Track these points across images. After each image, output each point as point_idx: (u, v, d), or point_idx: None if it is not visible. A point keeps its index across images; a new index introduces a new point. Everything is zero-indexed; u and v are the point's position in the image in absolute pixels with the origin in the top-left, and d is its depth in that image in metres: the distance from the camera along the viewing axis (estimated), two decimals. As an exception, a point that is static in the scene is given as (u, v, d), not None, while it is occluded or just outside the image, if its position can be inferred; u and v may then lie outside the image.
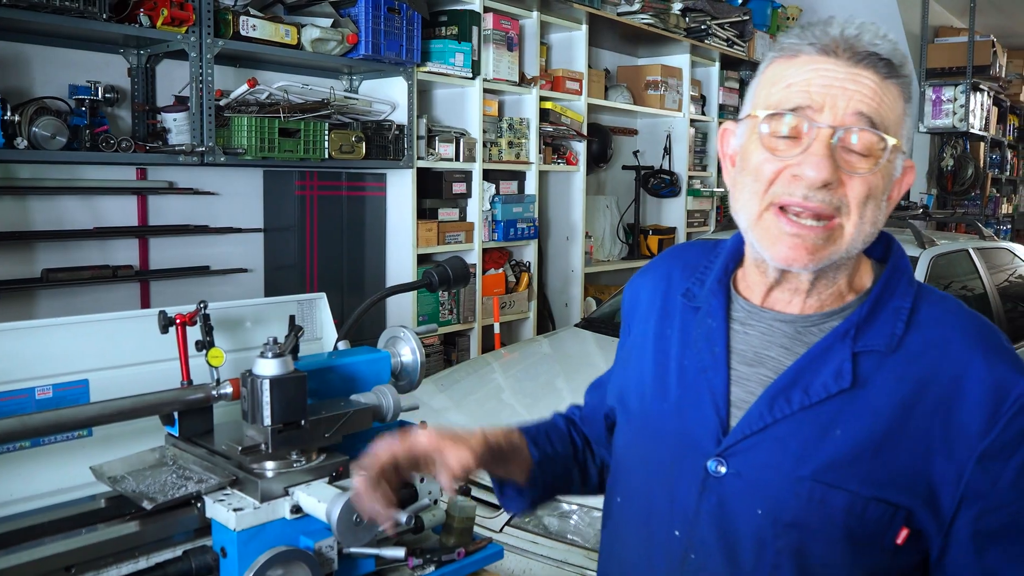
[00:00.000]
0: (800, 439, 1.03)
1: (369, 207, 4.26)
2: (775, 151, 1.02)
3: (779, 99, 1.03)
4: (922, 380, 1.02)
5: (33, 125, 2.91)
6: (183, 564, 1.19)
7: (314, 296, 1.74)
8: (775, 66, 1.06)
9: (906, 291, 1.09)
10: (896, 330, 1.05)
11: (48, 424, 1.23)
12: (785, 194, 1.01)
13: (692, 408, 1.12)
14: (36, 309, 3.37)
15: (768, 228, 1.03)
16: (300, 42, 3.67)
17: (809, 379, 1.05)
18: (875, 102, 0.99)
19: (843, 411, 1.03)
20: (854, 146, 1.00)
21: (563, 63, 5.32)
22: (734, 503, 1.06)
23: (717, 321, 1.14)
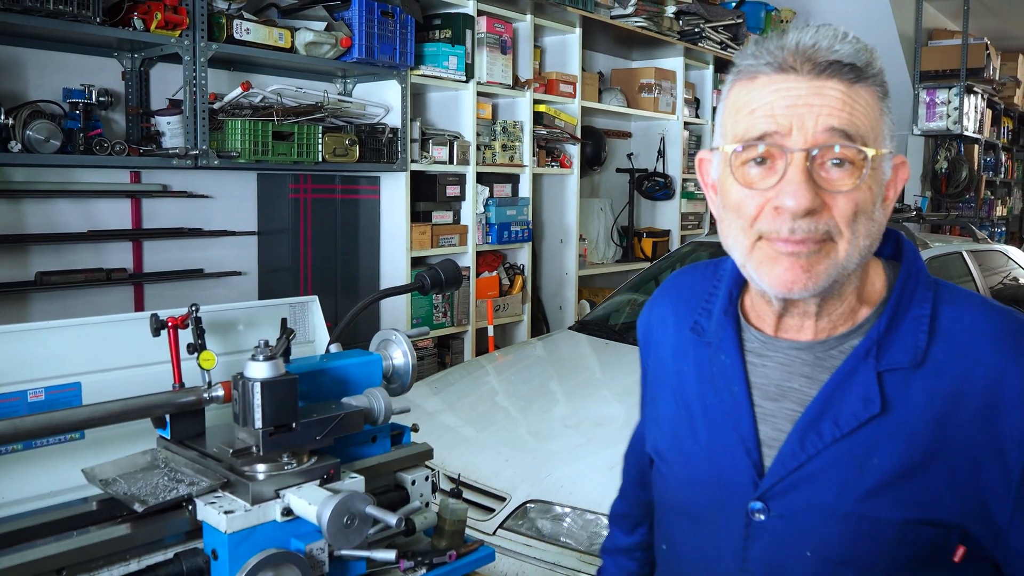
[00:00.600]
0: (838, 473, 1.00)
1: (363, 210, 4.27)
2: (751, 185, 0.98)
3: (745, 128, 0.98)
4: (955, 394, 0.98)
5: (27, 128, 2.91)
6: (174, 567, 1.20)
7: (306, 299, 1.75)
8: (736, 90, 1.02)
9: (924, 296, 1.03)
10: (919, 343, 1.00)
11: (40, 427, 1.24)
12: (772, 231, 0.97)
13: (723, 452, 1.09)
14: (30, 312, 3.37)
15: (764, 253, 0.99)
16: (294, 45, 3.67)
17: (837, 409, 1.01)
18: (846, 112, 0.95)
19: (877, 438, 0.99)
20: (833, 165, 0.95)
21: (557, 66, 5.33)
22: (781, 547, 1.03)
23: (731, 357, 1.10)
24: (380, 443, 1.49)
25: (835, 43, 0.96)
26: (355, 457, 1.45)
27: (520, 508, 2.75)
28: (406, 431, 1.58)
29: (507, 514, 2.76)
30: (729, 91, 1.04)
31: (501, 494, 2.82)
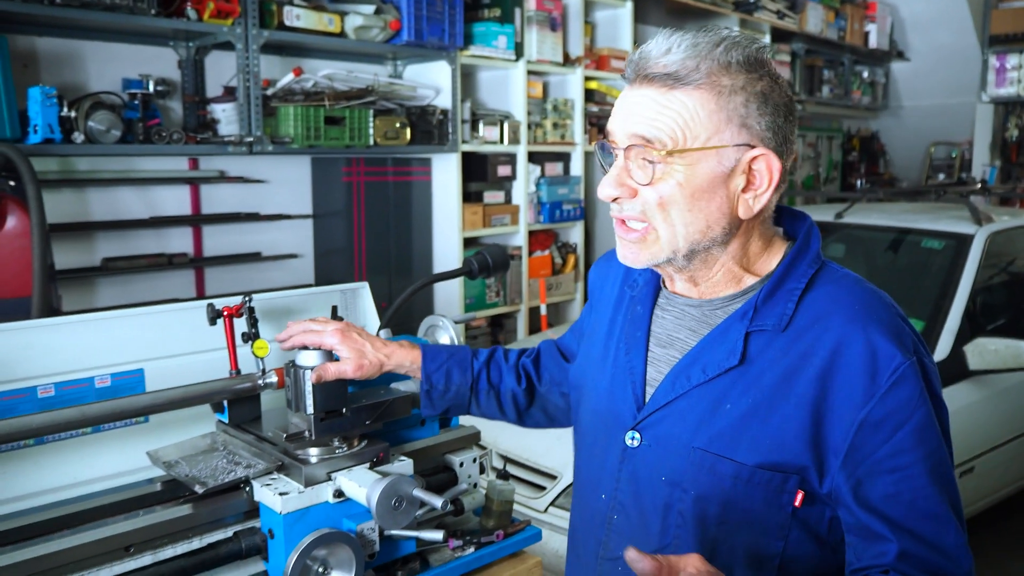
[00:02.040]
0: (697, 413, 1.16)
1: (415, 192, 4.31)
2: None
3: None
4: (804, 353, 1.11)
5: (89, 120, 3.00)
6: (233, 545, 1.25)
7: (357, 285, 1.79)
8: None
9: (803, 273, 1.16)
10: (787, 310, 1.14)
11: (107, 412, 1.30)
12: (611, 211, 1.19)
13: (619, 388, 1.26)
14: (96, 296, 3.49)
15: (616, 234, 1.20)
16: (344, 30, 3.71)
17: (707, 358, 1.16)
18: (658, 118, 1.10)
19: (733, 386, 1.14)
20: (640, 162, 1.12)
21: (608, 41, 5.28)
22: (645, 471, 1.20)
23: (644, 307, 1.27)
24: (428, 426, 1.53)
25: (666, 53, 1.11)
26: (404, 440, 1.49)
27: (571, 486, 2.78)
28: (454, 414, 1.61)
29: (558, 492, 2.79)
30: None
31: (552, 472, 2.85)
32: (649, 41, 1.13)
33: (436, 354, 1.46)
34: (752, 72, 1.11)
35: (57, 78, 3.26)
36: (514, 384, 1.52)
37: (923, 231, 3.97)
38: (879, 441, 1.08)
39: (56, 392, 1.40)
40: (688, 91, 1.09)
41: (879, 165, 8.70)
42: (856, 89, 7.88)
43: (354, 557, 1.23)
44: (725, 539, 1.15)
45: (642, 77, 1.12)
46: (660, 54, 1.11)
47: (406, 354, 1.43)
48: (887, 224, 4.11)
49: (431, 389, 1.44)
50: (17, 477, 1.36)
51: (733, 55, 1.10)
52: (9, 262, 2.65)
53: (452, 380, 1.46)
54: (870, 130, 8.83)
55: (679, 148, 1.10)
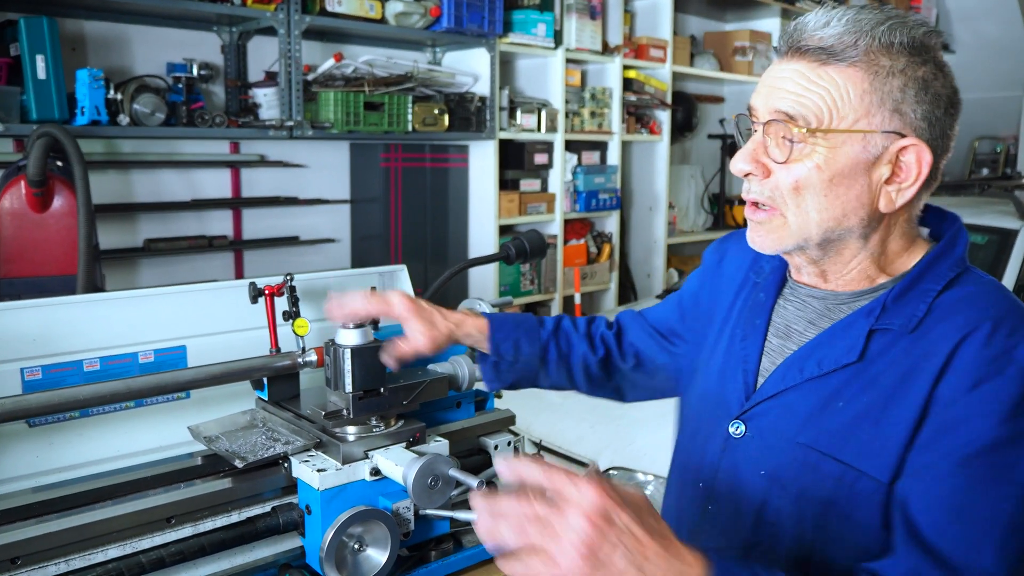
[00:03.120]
0: (806, 407, 1.09)
1: (452, 178, 4.32)
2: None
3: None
4: (926, 352, 1.03)
5: (134, 102, 3.06)
6: (271, 519, 1.27)
7: (395, 268, 1.80)
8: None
9: (942, 275, 1.08)
10: (917, 311, 1.06)
11: (150, 387, 1.33)
12: (743, 190, 1.13)
13: (730, 374, 1.21)
14: (138, 276, 3.56)
15: (746, 215, 1.15)
16: (384, 16, 3.73)
17: (824, 352, 1.10)
18: (805, 93, 1.03)
19: (848, 384, 1.07)
20: (782, 140, 1.05)
21: (647, 30, 5.25)
22: (746, 463, 1.14)
23: (768, 296, 1.22)
24: (464, 408, 1.54)
25: (824, 26, 1.04)
26: (440, 421, 1.50)
27: (603, 474, 2.78)
28: (490, 397, 1.62)
29: (590, 480, 2.79)
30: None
31: (585, 460, 2.85)
32: (809, 14, 1.06)
33: (503, 323, 1.41)
34: (915, 56, 1.03)
35: (104, 61, 3.32)
36: (588, 354, 1.46)
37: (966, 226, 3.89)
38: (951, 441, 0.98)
39: (101, 366, 1.43)
40: (841, 68, 1.03)
41: (922, 159, 8.54)
42: (900, 81, 7.73)
43: (389, 535, 1.25)
44: (821, 548, 1.07)
45: (794, 50, 1.06)
46: (818, 26, 1.04)
47: (473, 323, 1.38)
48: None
49: (500, 360, 1.40)
50: (64, 448, 1.40)
51: (897, 35, 1.02)
52: (56, 240, 2.71)
53: (521, 351, 1.41)
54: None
55: (823, 128, 1.03)
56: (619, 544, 0.85)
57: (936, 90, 1.04)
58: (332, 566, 1.21)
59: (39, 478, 1.37)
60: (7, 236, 2.69)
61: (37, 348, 1.38)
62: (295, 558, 1.32)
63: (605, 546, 0.84)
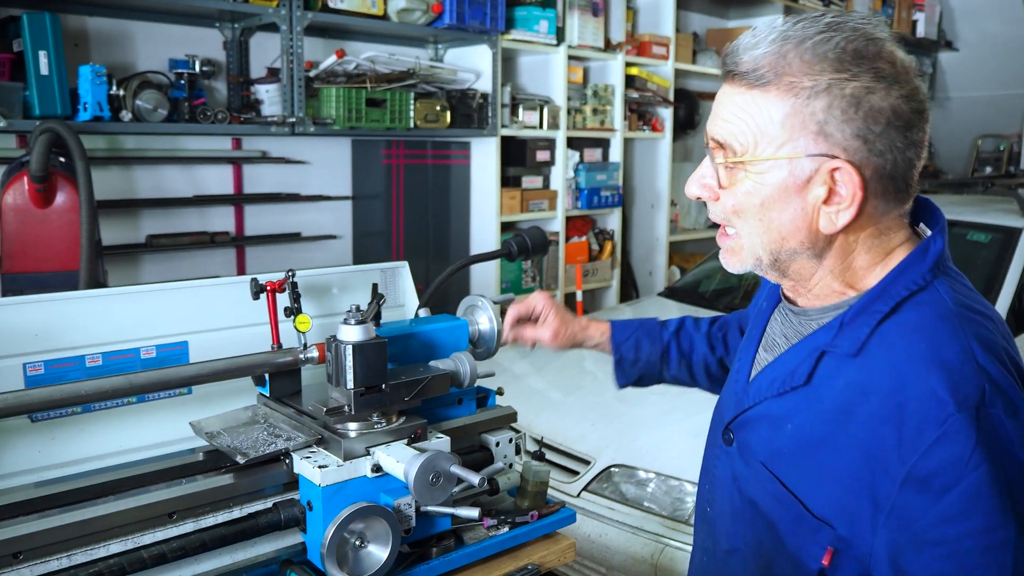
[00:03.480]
0: (765, 426, 1.12)
1: (454, 175, 4.32)
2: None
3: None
4: (865, 388, 1.00)
5: (137, 98, 3.06)
6: (273, 515, 1.27)
7: (397, 265, 1.80)
8: None
9: (897, 293, 1.03)
10: (860, 335, 1.03)
11: (152, 382, 1.33)
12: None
13: (730, 383, 1.26)
14: (141, 272, 3.56)
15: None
16: (386, 12, 3.73)
17: (778, 372, 1.11)
18: (733, 119, 1.03)
19: (798, 408, 1.07)
20: (716, 165, 1.06)
21: (650, 27, 5.24)
22: (729, 471, 1.19)
23: (768, 308, 1.25)
24: (466, 405, 1.54)
25: (746, 49, 1.01)
26: (441, 418, 1.50)
27: (604, 472, 2.79)
28: (491, 394, 1.62)
29: (591, 477, 2.80)
30: None
31: (586, 457, 2.86)
32: (745, 33, 1.04)
33: (625, 326, 1.56)
34: (845, 71, 0.97)
35: (107, 57, 3.32)
36: (707, 352, 1.56)
37: (969, 224, 3.90)
38: (925, 503, 0.92)
39: (103, 362, 1.43)
40: (764, 91, 1.00)
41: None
42: (902, 79, 7.72)
43: (391, 531, 1.25)
44: (778, 563, 1.08)
45: (728, 73, 1.04)
46: (747, 48, 1.01)
47: (597, 327, 1.57)
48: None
49: (621, 359, 1.54)
50: (66, 443, 1.40)
51: (824, 49, 0.97)
52: (58, 236, 2.71)
53: (641, 350, 1.54)
54: (916, 121, 8.66)
55: (747, 157, 1.02)
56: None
57: (872, 104, 0.97)
58: (333, 562, 1.22)
59: (41, 473, 1.37)
60: (10, 232, 2.69)
61: (39, 343, 1.38)
62: (296, 554, 1.32)
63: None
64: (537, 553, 1.48)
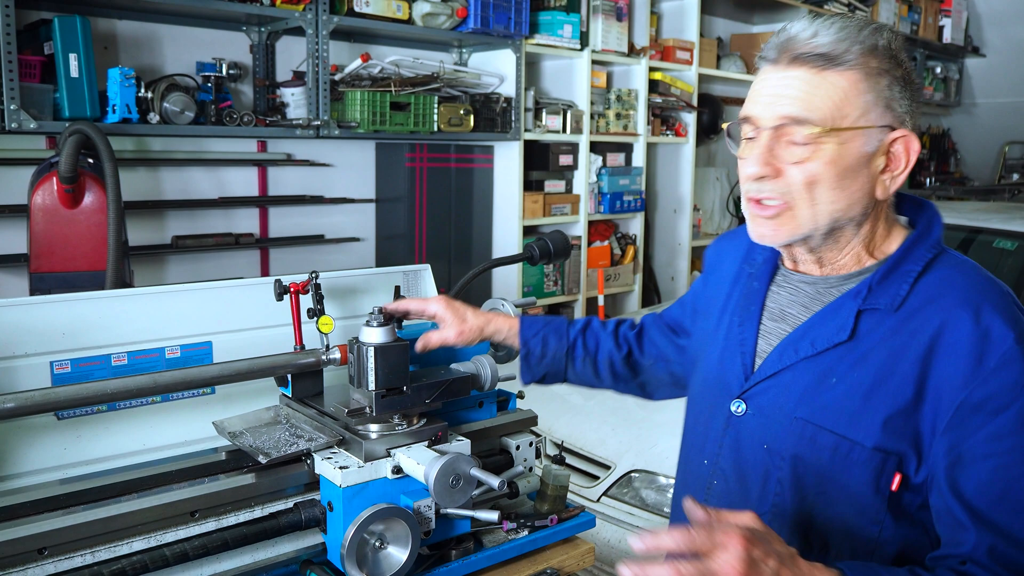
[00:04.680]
0: (802, 384, 1.19)
1: (477, 179, 4.33)
2: (741, 156, 1.21)
3: (744, 108, 1.22)
4: (913, 332, 1.12)
5: (164, 101, 3.09)
6: (294, 515, 1.28)
7: (419, 267, 1.81)
8: (756, 75, 1.24)
9: (921, 256, 1.18)
10: (901, 291, 1.16)
11: (176, 381, 1.34)
12: (746, 190, 1.21)
13: (729, 358, 1.31)
14: (166, 273, 3.60)
15: (746, 210, 1.23)
16: (411, 17, 3.74)
17: (817, 332, 1.20)
18: (805, 98, 1.13)
19: (840, 361, 1.17)
20: (789, 143, 1.14)
21: (674, 32, 5.23)
22: (748, 439, 1.24)
23: (761, 283, 1.32)
24: (486, 408, 1.54)
25: (812, 37, 1.14)
26: (462, 421, 1.50)
27: (624, 477, 2.78)
28: (512, 398, 1.62)
29: (611, 482, 2.79)
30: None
31: (606, 462, 2.85)
32: (793, 24, 1.17)
33: (533, 322, 1.56)
34: (894, 57, 1.15)
35: (135, 60, 3.36)
36: (613, 351, 1.58)
37: (995, 231, 3.85)
38: (979, 423, 1.06)
39: (129, 361, 1.45)
40: (841, 71, 1.12)
41: (949, 164, 8.44)
42: (928, 85, 7.66)
43: (410, 533, 1.25)
44: (822, 511, 1.17)
45: (791, 58, 1.15)
46: (809, 36, 1.14)
47: (504, 321, 1.53)
48: (957, 223, 3.99)
49: (528, 354, 1.54)
50: (91, 441, 1.42)
51: (879, 40, 1.14)
52: (86, 236, 2.74)
53: (548, 346, 1.55)
54: (941, 127, 8.58)
55: (833, 127, 1.12)
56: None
57: (916, 84, 1.17)
58: (353, 563, 1.22)
59: (67, 470, 1.38)
60: (39, 231, 2.73)
61: (66, 342, 1.40)
62: (317, 554, 1.32)
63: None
64: (556, 557, 1.47)
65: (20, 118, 2.78)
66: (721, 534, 0.94)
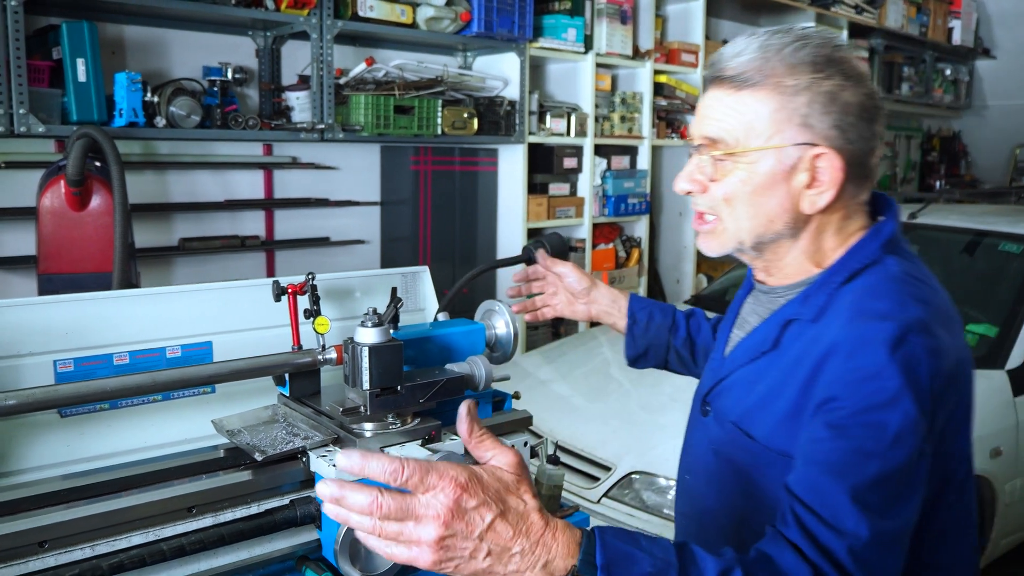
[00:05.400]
0: (738, 391, 1.27)
1: (481, 182, 4.35)
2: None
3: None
4: (816, 340, 1.14)
5: (171, 105, 3.13)
6: (289, 512, 1.30)
7: (417, 269, 1.83)
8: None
9: (850, 267, 1.19)
10: (819, 301, 1.19)
11: (176, 380, 1.37)
12: (691, 204, 1.27)
13: (708, 365, 1.41)
14: (173, 274, 3.63)
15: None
16: (415, 21, 3.77)
17: (752, 341, 1.27)
18: (724, 118, 1.17)
19: (768, 369, 1.22)
20: (709, 159, 1.19)
21: (679, 35, 5.25)
22: (705, 439, 1.32)
23: (742, 292, 1.40)
24: (481, 408, 1.56)
25: (736, 55, 1.17)
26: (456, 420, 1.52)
27: (625, 478, 2.79)
28: (507, 398, 1.64)
29: (612, 483, 2.81)
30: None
31: (607, 464, 2.86)
32: (728, 44, 1.20)
33: (641, 299, 1.70)
34: (820, 72, 1.13)
35: (142, 64, 3.40)
36: (711, 340, 1.64)
37: (1002, 234, 3.85)
38: (819, 419, 1.06)
39: (130, 360, 1.48)
40: (754, 91, 1.15)
41: (960, 167, 8.43)
42: (938, 87, 7.64)
43: (403, 529, 1.27)
44: (751, 514, 1.21)
45: (716, 79, 1.19)
46: (732, 56, 1.17)
47: (611, 293, 1.69)
48: (964, 226, 3.99)
49: (634, 324, 1.65)
50: (94, 439, 1.44)
51: (801, 55, 1.14)
52: (93, 238, 2.78)
53: (654, 319, 1.65)
54: (952, 130, 8.56)
55: (741, 148, 1.16)
56: (475, 540, 0.88)
57: (845, 99, 1.14)
58: (346, 559, 1.24)
59: (70, 467, 1.41)
60: (46, 233, 2.77)
61: (69, 341, 1.43)
62: (312, 550, 1.35)
63: (461, 544, 0.88)
64: (550, 555, 1.49)
65: (29, 122, 2.82)
66: (436, 475, 0.88)
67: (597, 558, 0.90)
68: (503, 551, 0.89)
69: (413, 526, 0.87)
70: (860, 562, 0.95)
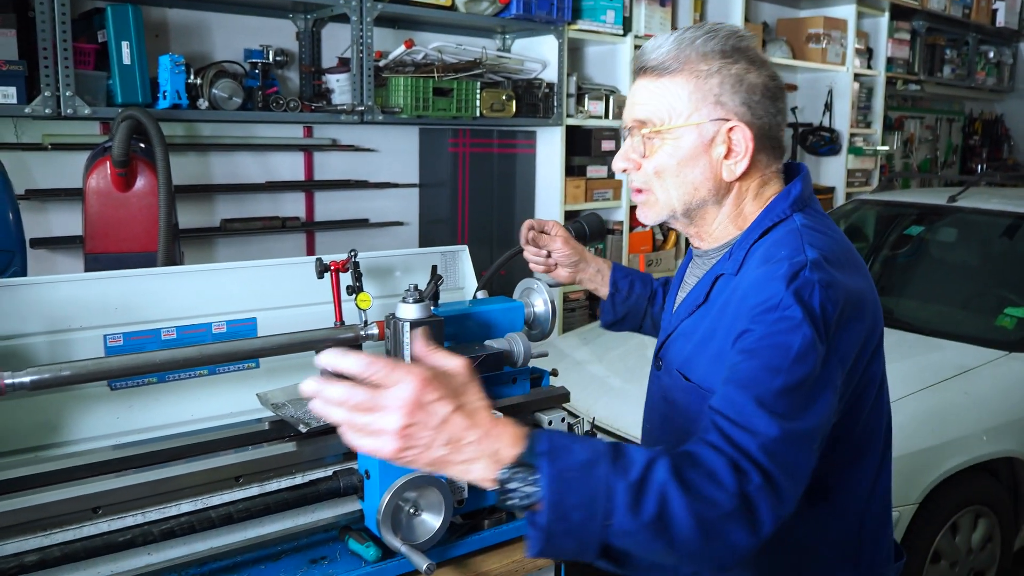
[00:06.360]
0: (681, 343, 1.39)
1: (519, 164, 4.36)
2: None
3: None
4: (735, 289, 1.29)
5: (213, 87, 3.17)
6: (332, 483, 1.33)
7: (457, 248, 1.85)
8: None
9: (762, 225, 1.33)
10: (738, 256, 1.33)
11: (221, 354, 1.40)
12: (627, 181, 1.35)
13: (662, 323, 1.54)
14: (215, 255, 3.69)
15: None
16: (454, 3, 3.77)
17: (690, 299, 1.41)
18: (649, 102, 1.33)
19: (701, 321, 1.36)
20: (640, 139, 1.34)
21: (719, 16, 5.18)
22: (658, 390, 1.46)
23: (686, 259, 1.52)
24: (520, 384, 1.58)
25: (656, 48, 1.32)
26: (496, 396, 1.54)
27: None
28: (545, 375, 1.66)
29: (648, 464, 2.81)
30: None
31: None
32: (651, 39, 1.35)
33: (625, 268, 1.83)
34: (728, 58, 1.30)
35: (185, 47, 3.44)
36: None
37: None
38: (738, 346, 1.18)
39: (178, 335, 1.51)
40: (672, 77, 1.31)
41: (1003, 150, 8.23)
42: (980, 70, 7.46)
43: (444, 501, 1.30)
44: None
45: (640, 69, 1.35)
46: (653, 49, 1.32)
47: (596, 263, 1.80)
48: (1004, 209, 3.91)
49: (616, 293, 1.78)
50: (142, 411, 1.49)
51: (711, 45, 1.30)
52: (138, 218, 2.83)
53: (634, 289, 1.79)
54: (994, 113, 8.36)
55: (666, 126, 1.31)
56: (434, 430, 0.97)
57: (751, 81, 1.30)
58: (389, 529, 1.27)
59: (119, 438, 1.46)
60: (93, 213, 2.83)
61: (119, 316, 1.47)
62: (355, 521, 1.38)
63: (421, 434, 0.96)
64: (587, 531, 1.51)
65: (75, 104, 2.88)
66: (402, 370, 0.97)
67: (539, 446, 1.00)
68: (458, 441, 0.98)
69: (380, 416, 0.96)
70: (771, 455, 1.05)
